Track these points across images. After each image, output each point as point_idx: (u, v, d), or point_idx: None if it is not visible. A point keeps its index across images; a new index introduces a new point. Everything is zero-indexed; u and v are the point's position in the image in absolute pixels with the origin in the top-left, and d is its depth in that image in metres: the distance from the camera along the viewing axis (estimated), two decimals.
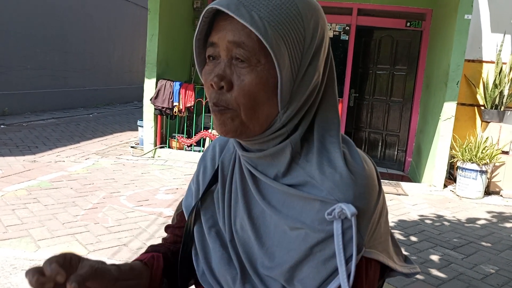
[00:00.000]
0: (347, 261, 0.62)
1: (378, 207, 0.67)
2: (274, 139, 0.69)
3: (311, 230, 0.65)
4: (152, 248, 0.89)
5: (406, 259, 0.80)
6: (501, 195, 5.28)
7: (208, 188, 0.82)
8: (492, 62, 5.71)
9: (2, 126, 7.18)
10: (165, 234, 0.94)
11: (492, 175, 5.32)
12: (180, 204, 0.91)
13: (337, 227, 0.62)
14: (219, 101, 0.67)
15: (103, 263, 0.67)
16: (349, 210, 0.61)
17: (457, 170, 5.31)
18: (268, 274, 0.70)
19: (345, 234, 0.63)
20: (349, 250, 0.62)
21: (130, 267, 0.75)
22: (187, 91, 5.72)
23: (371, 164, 0.70)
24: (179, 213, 0.91)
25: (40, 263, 2.87)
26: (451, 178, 5.76)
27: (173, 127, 6.29)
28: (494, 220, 4.39)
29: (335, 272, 0.63)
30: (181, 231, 0.88)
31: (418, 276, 2.87)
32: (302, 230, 0.66)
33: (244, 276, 0.73)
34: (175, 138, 6.04)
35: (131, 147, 6.35)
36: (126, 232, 3.26)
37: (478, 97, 5.75)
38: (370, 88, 6.76)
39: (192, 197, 0.87)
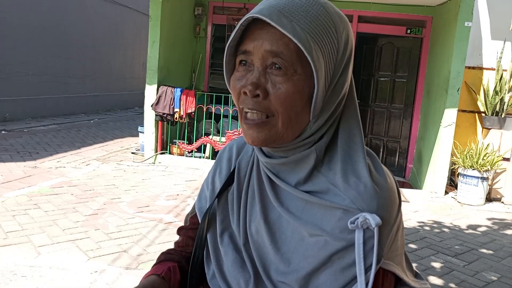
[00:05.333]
0: (366, 270, 0.63)
1: (398, 220, 0.68)
2: (301, 147, 0.70)
3: (332, 238, 0.65)
4: (165, 257, 0.88)
5: (416, 275, 0.80)
6: (503, 202, 5.27)
7: (223, 189, 0.82)
8: (492, 69, 5.72)
9: (3, 132, 7.19)
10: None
11: (494, 182, 5.31)
12: (193, 208, 0.91)
13: (358, 236, 0.63)
14: (257, 108, 0.66)
15: None
16: (373, 220, 0.62)
17: (458, 177, 5.30)
18: (282, 280, 0.70)
19: (366, 244, 0.63)
20: (369, 259, 0.63)
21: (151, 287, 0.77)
22: (188, 97, 5.73)
23: (392, 178, 0.72)
24: (192, 216, 0.91)
25: (40, 269, 2.83)
26: (452, 184, 5.74)
27: (174, 133, 6.29)
28: (496, 227, 4.37)
29: (352, 280, 0.64)
30: (194, 233, 0.87)
31: None
32: (322, 237, 0.66)
33: (257, 280, 0.73)
34: (176, 144, 6.05)
35: (132, 153, 6.36)
36: (127, 239, 3.25)
37: (479, 103, 5.76)
38: (372, 94, 6.78)
39: (206, 199, 0.86)
